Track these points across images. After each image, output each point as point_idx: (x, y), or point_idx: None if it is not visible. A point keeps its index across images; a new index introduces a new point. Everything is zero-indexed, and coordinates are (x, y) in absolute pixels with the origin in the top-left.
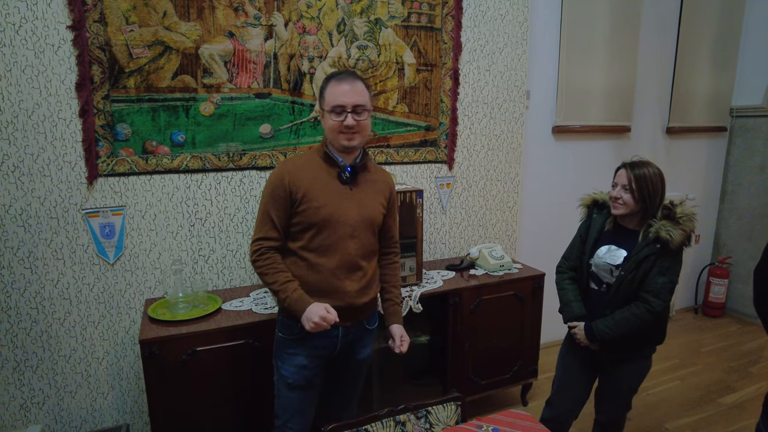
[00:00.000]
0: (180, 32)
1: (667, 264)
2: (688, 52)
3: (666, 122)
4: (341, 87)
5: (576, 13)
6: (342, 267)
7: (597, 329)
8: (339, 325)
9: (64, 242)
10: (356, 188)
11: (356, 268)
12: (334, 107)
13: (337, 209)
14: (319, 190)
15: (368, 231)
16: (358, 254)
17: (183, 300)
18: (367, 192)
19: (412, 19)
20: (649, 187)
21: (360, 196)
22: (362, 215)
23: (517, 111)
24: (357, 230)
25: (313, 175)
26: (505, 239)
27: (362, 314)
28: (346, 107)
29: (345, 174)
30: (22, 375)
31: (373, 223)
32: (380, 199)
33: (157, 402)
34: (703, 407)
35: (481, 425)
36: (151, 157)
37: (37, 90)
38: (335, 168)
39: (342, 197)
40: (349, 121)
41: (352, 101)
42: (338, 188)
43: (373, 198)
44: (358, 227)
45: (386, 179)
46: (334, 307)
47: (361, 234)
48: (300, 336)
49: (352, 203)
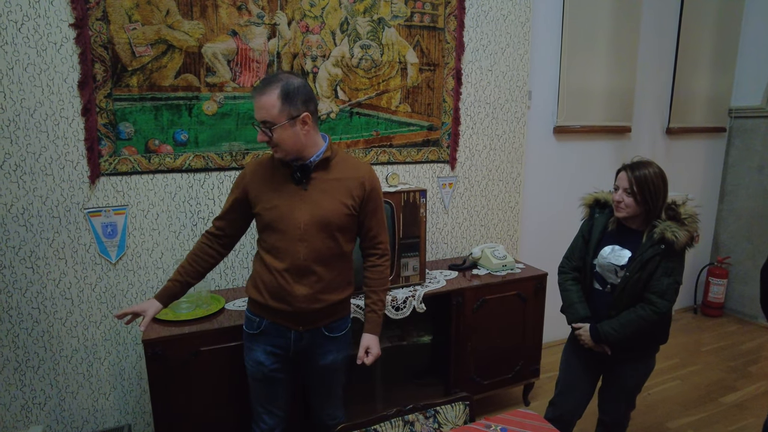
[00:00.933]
0: (183, 31)
1: (672, 265)
2: (688, 53)
3: (666, 123)
4: (254, 99)
5: (577, 14)
6: (291, 271)
7: (602, 331)
8: (291, 328)
9: (66, 242)
10: (312, 189)
11: (307, 272)
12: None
13: (285, 211)
14: (269, 193)
15: (322, 233)
16: (309, 258)
17: (186, 300)
18: (325, 192)
19: (415, 18)
20: (650, 189)
21: (314, 197)
22: (315, 217)
23: (519, 111)
24: (307, 233)
25: (268, 175)
26: (507, 239)
27: (317, 321)
28: (257, 121)
29: (296, 174)
30: (23, 375)
31: (328, 224)
32: (342, 198)
33: (161, 402)
34: (704, 406)
35: (489, 425)
36: (153, 156)
37: (39, 88)
38: (290, 169)
39: (293, 199)
40: (259, 136)
41: (258, 116)
42: (291, 189)
43: (331, 198)
44: (308, 230)
45: (357, 175)
46: (283, 310)
47: (313, 237)
48: (257, 332)
49: (303, 204)
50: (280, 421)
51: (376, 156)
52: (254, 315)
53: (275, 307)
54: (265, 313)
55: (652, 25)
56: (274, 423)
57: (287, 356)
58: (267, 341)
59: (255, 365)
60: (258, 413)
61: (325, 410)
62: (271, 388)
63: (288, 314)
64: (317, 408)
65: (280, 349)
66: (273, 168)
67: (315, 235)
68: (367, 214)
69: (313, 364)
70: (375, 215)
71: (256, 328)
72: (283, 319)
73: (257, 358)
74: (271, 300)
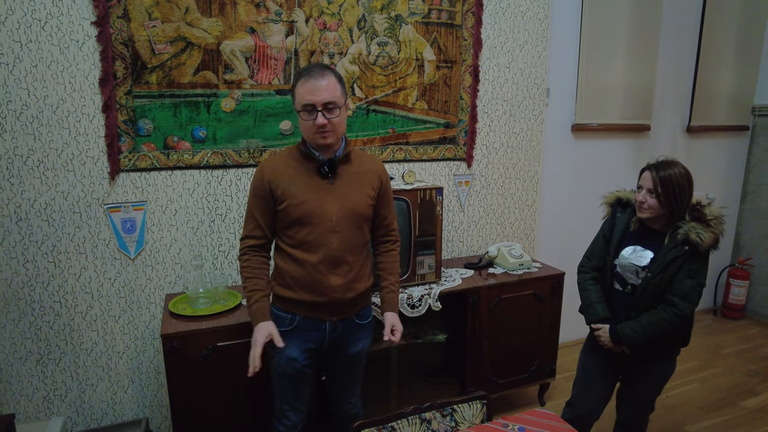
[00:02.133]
0: (202, 28)
1: (696, 267)
2: (710, 49)
3: (686, 121)
4: (310, 84)
5: (596, 10)
6: (325, 262)
7: (623, 332)
8: (326, 320)
9: (86, 236)
10: (338, 182)
11: (341, 263)
12: (304, 106)
13: (317, 205)
14: (298, 186)
15: (352, 224)
16: (342, 249)
17: (203, 295)
18: (351, 184)
19: (433, 15)
20: (675, 190)
21: (342, 190)
22: (344, 209)
23: (536, 108)
24: (339, 224)
25: (292, 172)
26: (524, 238)
27: (350, 309)
28: (317, 105)
29: (324, 168)
30: (45, 367)
31: (357, 215)
32: (366, 191)
33: (178, 396)
34: (725, 410)
35: (507, 424)
36: (172, 152)
37: (62, 86)
38: (314, 163)
39: (322, 192)
40: (320, 120)
41: (321, 99)
42: (318, 183)
43: (357, 190)
44: (341, 221)
45: (374, 168)
46: (319, 302)
47: (344, 228)
48: (290, 328)
49: (333, 197)
50: (303, 417)
51: (392, 153)
52: (285, 312)
53: (310, 301)
54: (297, 308)
55: (673, 20)
56: (297, 419)
57: (320, 349)
58: (301, 337)
59: (287, 362)
60: (282, 411)
61: (346, 399)
62: (299, 384)
63: (323, 306)
64: (338, 398)
65: (314, 343)
66: (294, 164)
67: (346, 226)
68: (383, 204)
69: (342, 353)
70: (389, 205)
71: (289, 325)
72: (318, 312)
73: (290, 355)
74: (305, 294)
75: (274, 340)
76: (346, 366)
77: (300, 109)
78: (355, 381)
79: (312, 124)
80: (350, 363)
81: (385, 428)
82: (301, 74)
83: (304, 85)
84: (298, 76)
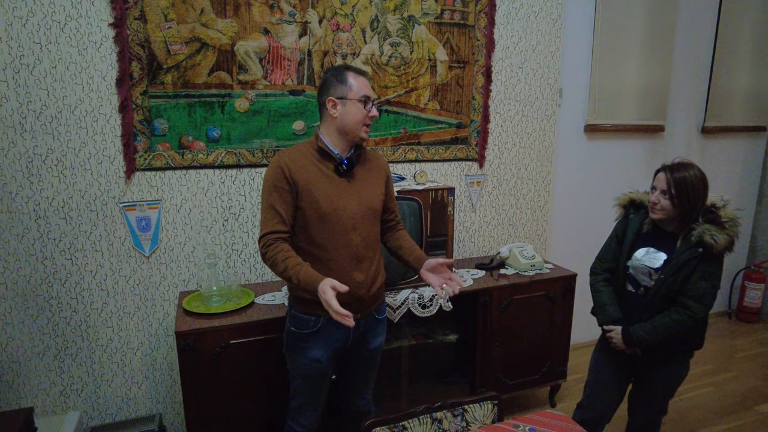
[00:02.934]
0: (216, 29)
1: (710, 269)
2: (726, 48)
3: (702, 121)
4: (363, 79)
5: (610, 10)
6: (348, 260)
7: (635, 334)
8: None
9: (102, 234)
10: (354, 180)
11: (362, 259)
12: (363, 97)
13: (337, 203)
14: (317, 184)
15: (370, 221)
16: (363, 245)
17: (217, 293)
18: (365, 182)
19: (445, 16)
20: (689, 193)
21: (358, 188)
22: (362, 206)
23: (549, 109)
24: (359, 222)
25: (310, 169)
26: (536, 239)
27: (372, 304)
28: (371, 98)
29: (342, 167)
30: (62, 362)
31: (373, 212)
32: (379, 188)
33: (191, 393)
34: (739, 415)
35: (518, 425)
36: (187, 152)
37: (80, 86)
38: (331, 162)
39: (341, 190)
40: (375, 112)
41: (373, 94)
42: (336, 181)
43: (371, 187)
44: (360, 219)
45: (381, 164)
46: (344, 301)
47: (364, 225)
48: (313, 330)
49: (351, 195)
50: (319, 416)
51: (404, 154)
52: (308, 314)
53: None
54: (321, 309)
55: (689, 19)
56: (314, 418)
57: (344, 348)
58: (326, 337)
59: (311, 363)
60: (300, 411)
61: (361, 395)
62: (321, 384)
63: (348, 304)
64: (353, 394)
65: (338, 342)
66: (313, 161)
67: (365, 223)
68: (389, 198)
69: (362, 349)
70: (393, 196)
71: (313, 327)
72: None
73: (315, 356)
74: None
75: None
76: (365, 361)
77: (358, 98)
78: (372, 376)
79: (365, 114)
80: (369, 358)
81: (396, 427)
82: (348, 68)
83: (359, 78)
84: (345, 69)
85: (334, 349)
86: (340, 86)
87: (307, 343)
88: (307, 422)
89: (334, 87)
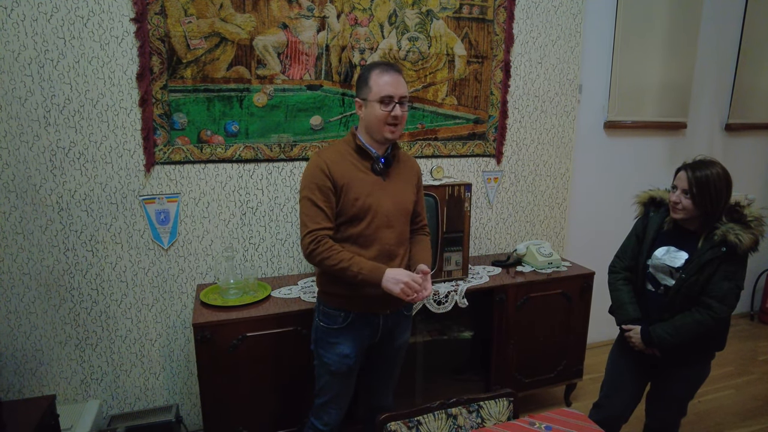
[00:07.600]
0: (235, 24)
1: (733, 269)
2: (753, 43)
3: (725, 118)
4: (388, 77)
5: (632, 4)
6: (381, 256)
7: (656, 335)
8: (380, 313)
9: (122, 227)
10: (389, 179)
11: (394, 256)
12: (383, 97)
13: (373, 200)
14: (355, 181)
15: (402, 220)
16: (395, 243)
17: (234, 286)
18: (399, 181)
19: (464, 10)
20: (711, 192)
21: (393, 186)
22: (397, 205)
23: (568, 105)
24: (393, 220)
25: (348, 167)
26: (553, 236)
27: (399, 301)
28: (394, 98)
29: (379, 165)
30: (83, 352)
31: (406, 211)
32: (411, 188)
33: (207, 384)
34: (761, 419)
35: (533, 422)
36: (205, 146)
37: (102, 80)
38: (368, 160)
39: (377, 188)
40: (398, 112)
41: (400, 92)
42: (372, 180)
43: (405, 187)
44: (394, 217)
45: (414, 166)
46: (375, 295)
47: (397, 223)
48: (343, 326)
49: (386, 193)
50: (342, 416)
51: (420, 149)
52: (337, 309)
53: (366, 295)
54: (351, 305)
55: (713, 14)
56: (337, 417)
57: (371, 344)
58: (355, 333)
59: (340, 359)
60: (325, 409)
61: (384, 391)
62: (348, 380)
63: (379, 300)
64: (377, 390)
65: (367, 338)
66: (351, 159)
67: (398, 221)
68: (419, 200)
69: (389, 345)
70: (422, 200)
71: (342, 322)
72: (374, 306)
73: (343, 352)
74: (361, 289)
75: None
76: (391, 357)
77: (377, 99)
78: (396, 372)
79: (387, 114)
80: (395, 354)
81: (411, 422)
82: (375, 66)
83: (382, 77)
84: (371, 68)
85: (362, 345)
86: (363, 87)
87: (337, 339)
88: (331, 420)
89: (360, 87)
